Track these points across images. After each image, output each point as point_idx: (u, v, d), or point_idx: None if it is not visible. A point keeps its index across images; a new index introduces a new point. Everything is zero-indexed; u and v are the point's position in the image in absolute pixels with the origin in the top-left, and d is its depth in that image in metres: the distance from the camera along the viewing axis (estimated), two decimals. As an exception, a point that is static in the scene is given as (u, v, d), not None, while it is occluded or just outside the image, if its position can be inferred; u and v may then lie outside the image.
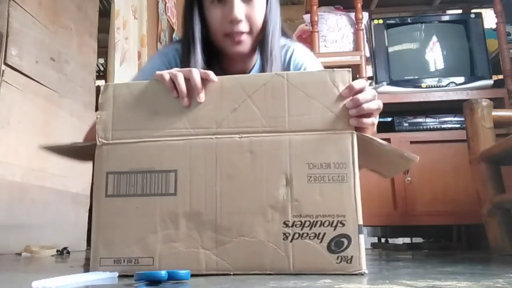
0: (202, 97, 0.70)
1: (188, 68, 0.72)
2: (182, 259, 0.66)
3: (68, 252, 1.71)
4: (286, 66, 0.98)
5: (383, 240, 2.57)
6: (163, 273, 0.57)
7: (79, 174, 2.18)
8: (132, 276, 0.60)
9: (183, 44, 0.95)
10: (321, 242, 0.64)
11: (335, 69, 0.70)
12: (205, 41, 0.93)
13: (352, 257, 0.64)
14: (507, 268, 0.77)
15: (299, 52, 1.00)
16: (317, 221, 0.65)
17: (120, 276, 0.66)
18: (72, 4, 2.28)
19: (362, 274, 0.63)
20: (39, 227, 1.87)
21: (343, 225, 0.64)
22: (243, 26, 0.89)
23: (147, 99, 0.72)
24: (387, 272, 0.71)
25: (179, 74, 0.70)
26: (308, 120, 0.68)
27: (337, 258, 0.64)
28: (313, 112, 0.68)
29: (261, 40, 0.94)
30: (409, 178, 1.88)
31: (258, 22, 0.91)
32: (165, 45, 1.02)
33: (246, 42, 0.91)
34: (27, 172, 1.84)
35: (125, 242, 0.68)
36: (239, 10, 0.88)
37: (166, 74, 0.71)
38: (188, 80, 0.70)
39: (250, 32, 0.91)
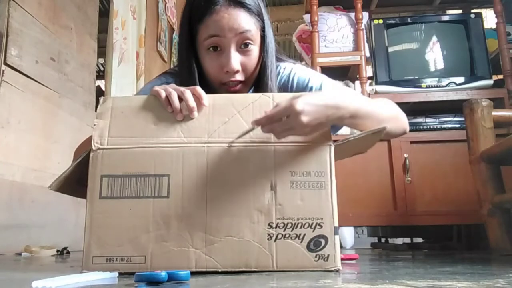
0: (194, 115, 0.75)
1: (182, 88, 0.77)
2: (173, 258, 0.69)
3: (68, 252, 1.71)
4: (288, 86, 0.97)
5: (383, 240, 2.58)
6: (163, 274, 0.57)
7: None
8: (132, 275, 0.60)
9: (181, 82, 0.93)
10: (301, 242, 0.69)
11: None
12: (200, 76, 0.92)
13: (328, 255, 0.69)
14: (507, 268, 0.77)
15: (300, 71, 0.99)
16: (298, 223, 0.70)
17: (120, 276, 0.66)
18: (72, 4, 2.28)
19: (337, 271, 0.68)
20: (39, 227, 1.88)
21: (321, 227, 0.70)
22: (239, 76, 0.89)
23: (144, 111, 0.76)
24: (387, 272, 0.71)
25: (173, 93, 0.76)
26: None
27: (315, 256, 0.69)
28: None
29: (257, 81, 0.93)
30: (409, 178, 1.88)
31: (253, 70, 0.91)
32: (161, 73, 1.05)
33: (241, 90, 0.91)
34: (27, 172, 1.84)
35: (118, 241, 0.70)
36: (236, 61, 0.87)
37: (162, 91, 0.76)
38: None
39: (245, 81, 0.91)
